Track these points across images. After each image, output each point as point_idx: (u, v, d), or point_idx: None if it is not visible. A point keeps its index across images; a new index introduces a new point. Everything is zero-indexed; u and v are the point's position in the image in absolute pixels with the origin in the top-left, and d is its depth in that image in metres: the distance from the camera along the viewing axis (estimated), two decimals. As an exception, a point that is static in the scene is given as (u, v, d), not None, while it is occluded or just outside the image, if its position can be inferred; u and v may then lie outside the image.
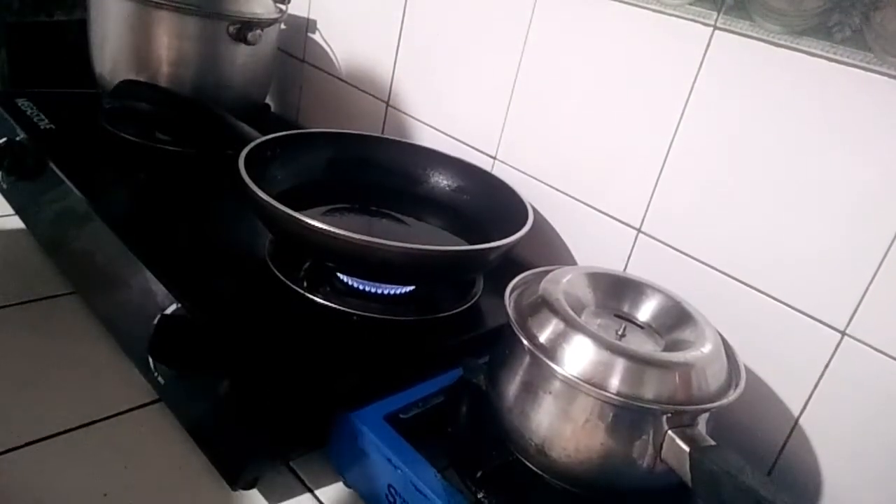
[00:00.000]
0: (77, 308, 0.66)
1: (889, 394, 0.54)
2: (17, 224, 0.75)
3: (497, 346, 0.54)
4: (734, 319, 0.59)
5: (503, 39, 0.76)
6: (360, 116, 0.95)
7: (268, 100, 0.97)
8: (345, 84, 0.97)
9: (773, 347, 0.59)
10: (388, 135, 0.90)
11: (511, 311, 0.51)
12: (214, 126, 0.76)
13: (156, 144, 0.81)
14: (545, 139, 0.75)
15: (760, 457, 0.61)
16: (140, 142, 0.81)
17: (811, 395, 0.58)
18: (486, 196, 0.76)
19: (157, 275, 0.58)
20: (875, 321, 0.54)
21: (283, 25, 0.94)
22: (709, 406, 0.47)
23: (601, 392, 0.45)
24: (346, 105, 0.97)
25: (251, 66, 0.86)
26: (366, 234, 0.55)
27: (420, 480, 0.47)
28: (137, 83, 0.79)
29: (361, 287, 0.63)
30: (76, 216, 0.67)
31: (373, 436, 0.50)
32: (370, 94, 0.93)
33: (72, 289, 0.68)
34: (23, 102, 0.83)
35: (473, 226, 0.74)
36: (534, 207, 0.69)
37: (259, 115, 0.91)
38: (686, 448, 0.44)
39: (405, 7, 0.86)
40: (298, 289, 0.61)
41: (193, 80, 0.81)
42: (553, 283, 0.53)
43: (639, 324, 0.54)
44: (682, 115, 0.63)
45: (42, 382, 0.57)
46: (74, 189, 0.68)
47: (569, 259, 0.75)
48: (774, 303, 0.59)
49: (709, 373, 0.48)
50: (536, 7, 0.73)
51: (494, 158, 0.80)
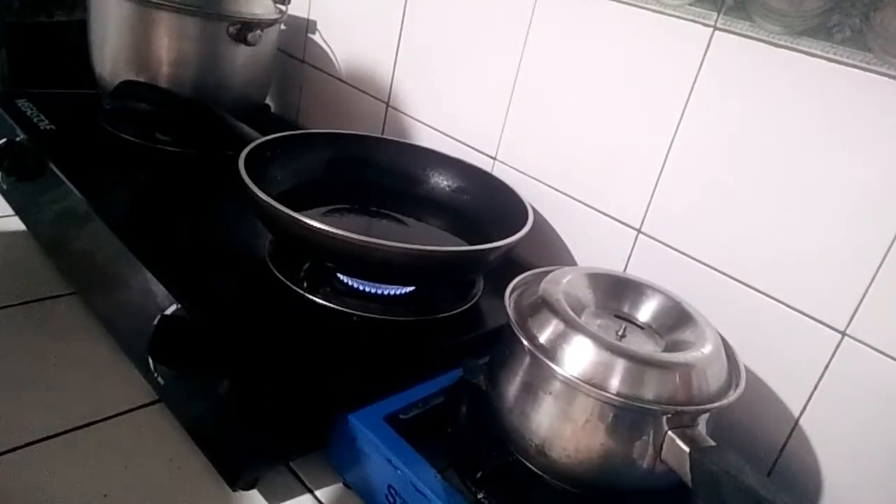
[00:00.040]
0: (77, 308, 0.66)
1: (889, 394, 0.54)
2: (18, 225, 0.75)
3: (497, 347, 0.54)
4: (734, 320, 0.59)
5: (503, 39, 0.76)
6: (360, 117, 0.95)
7: (268, 100, 0.97)
8: (345, 84, 0.97)
9: (774, 348, 0.59)
10: (388, 135, 0.90)
11: (511, 312, 0.51)
12: (214, 126, 0.76)
13: (156, 145, 0.81)
14: (545, 139, 0.75)
15: (760, 457, 0.61)
16: (140, 142, 0.81)
17: (811, 396, 0.58)
18: (486, 196, 0.76)
19: (157, 275, 0.58)
20: (875, 321, 0.54)
21: (283, 26, 0.94)
22: (709, 406, 0.47)
23: (601, 392, 0.45)
24: (346, 105, 0.97)
25: (251, 67, 0.86)
26: (366, 235, 0.55)
27: (420, 481, 0.47)
28: (137, 84, 0.79)
29: (361, 287, 0.63)
30: (76, 217, 0.67)
31: (373, 436, 0.50)
32: (370, 95, 0.93)
33: (72, 289, 0.68)
34: (23, 103, 0.83)
35: (473, 226, 0.74)
36: (534, 208, 0.69)
37: (259, 116, 0.91)
38: (686, 448, 0.44)
39: (405, 7, 0.86)
40: (298, 289, 0.61)
41: (193, 81, 0.81)
42: (553, 284, 0.53)
43: (639, 324, 0.54)
44: (682, 115, 0.63)
45: (42, 383, 0.57)
46: (74, 190, 0.68)
47: (569, 259, 0.75)
48: (774, 303, 0.59)
49: (709, 373, 0.48)
50: (536, 7, 0.73)
51: (494, 159, 0.80)
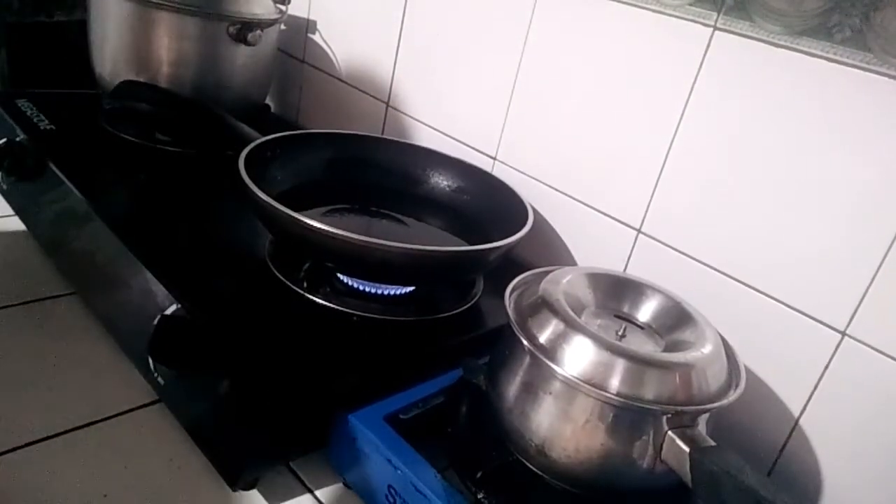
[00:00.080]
0: (77, 308, 0.66)
1: (889, 394, 0.54)
2: (18, 225, 0.75)
3: (497, 347, 0.54)
4: (734, 320, 0.59)
5: (503, 39, 0.76)
6: (360, 117, 0.95)
7: (268, 100, 0.97)
8: (345, 85, 0.97)
9: (774, 348, 0.59)
10: (388, 135, 0.90)
11: (511, 312, 0.51)
12: (214, 127, 0.76)
13: (156, 145, 0.81)
14: (545, 139, 0.75)
15: (760, 457, 0.61)
16: (140, 142, 0.81)
17: (811, 396, 0.58)
18: (486, 196, 0.76)
19: (157, 275, 0.58)
20: (875, 321, 0.54)
21: (283, 26, 0.94)
22: (709, 406, 0.47)
23: (601, 392, 0.45)
24: (346, 106, 0.97)
25: (251, 67, 0.86)
26: (366, 235, 0.55)
27: (420, 481, 0.47)
28: (137, 84, 0.79)
29: (361, 287, 0.63)
30: (76, 217, 0.67)
31: (373, 436, 0.50)
32: (370, 95, 0.93)
33: (72, 289, 0.68)
34: (23, 103, 0.83)
35: (473, 226, 0.74)
36: (534, 208, 0.69)
37: (259, 116, 0.91)
38: (686, 448, 0.44)
39: (405, 7, 0.86)
40: (298, 289, 0.61)
41: (193, 81, 0.81)
42: (553, 284, 0.53)
43: (639, 324, 0.54)
44: (682, 115, 0.63)
45: (42, 383, 0.57)
46: (74, 190, 0.68)
47: (569, 259, 0.75)
48: (774, 303, 0.59)
49: (709, 373, 0.48)
50: (536, 7, 0.73)
51: (494, 159, 0.80)
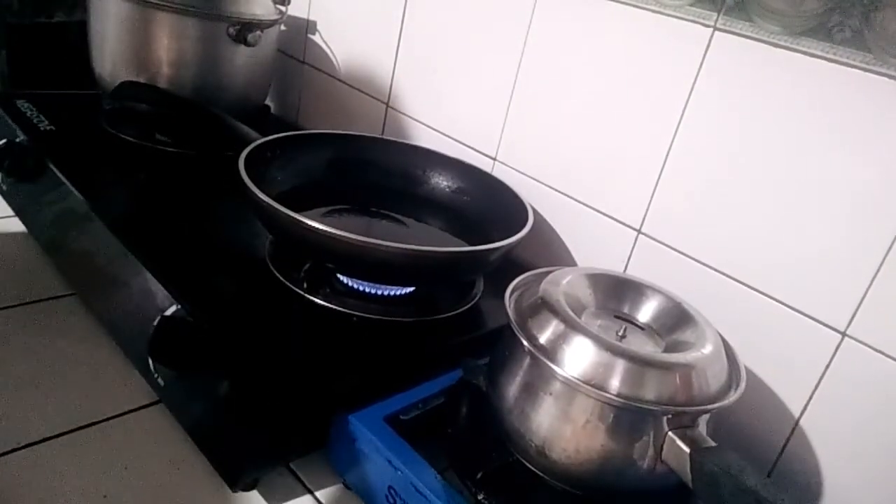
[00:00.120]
0: (77, 309, 0.66)
1: (889, 394, 0.54)
2: (17, 225, 0.75)
3: (497, 347, 0.54)
4: (734, 320, 0.59)
5: (503, 39, 0.76)
6: (360, 117, 0.95)
7: (268, 101, 0.97)
8: (345, 85, 0.97)
9: (774, 348, 0.59)
10: (388, 136, 0.90)
11: (511, 313, 0.51)
12: (214, 127, 0.76)
13: (156, 146, 0.82)
14: (545, 139, 0.75)
15: (761, 457, 0.61)
16: (140, 143, 0.81)
17: (811, 396, 0.58)
18: (486, 197, 0.76)
19: (157, 276, 0.58)
20: (875, 322, 0.54)
21: (283, 27, 0.94)
22: (709, 407, 0.47)
23: (601, 393, 0.45)
24: (346, 106, 0.97)
25: (251, 68, 0.86)
26: (365, 235, 0.55)
27: (420, 481, 0.47)
28: (137, 84, 0.79)
29: (361, 288, 0.63)
30: (76, 217, 0.67)
31: (373, 437, 0.50)
32: (370, 96, 0.93)
33: (72, 290, 0.68)
34: (23, 104, 0.83)
35: (473, 227, 0.74)
36: (534, 208, 0.69)
37: (259, 117, 0.91)
38: (686, 449, 0.44)
39: (405, 7, 0.86)
40: (298, 290, 0.61)
41: (193, 82, 0.81)
42: (553, 285, 0.53)
43: (639, 325, 0.54)
44: (682, 115, 0.63)
45: (42, 384, 0.57)
46: (74, 190, 0.68)
47: (569, 260, 0.75)
48: (774, 303, 0.59)
49: (709, 374, 0.48)
50: (536, 7, 0.73)
51: (494, 159, 0.80)
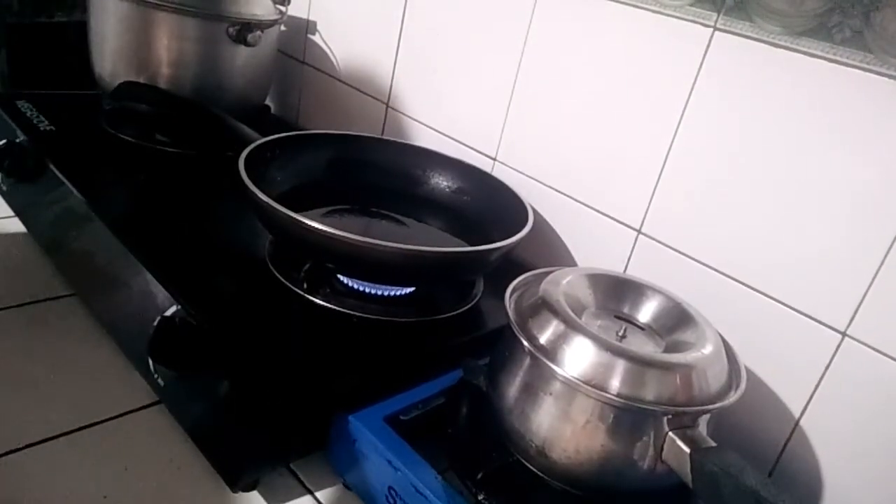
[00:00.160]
0: (77, 310, 0.66)
1: (889, 394, 0.54)
2: (18, 226, 0.75)
3: (497, 348, 0.54)
4: (734, 320, 0.59)
5: (503, 39, 0.76)
6: (360, 118, 0.95)
7: (268, 101, 0.97)
8: (345, 85, 0.97)
9: (774, 348, 0.59)
10: (388, 136, 0.90)
11: (511, 313, 0.51)
12: (214, 127, 0.76)
13: (156, 146, 0.82)
14: (545, 140, 0.75)
15: (761, 457, 0.61)
16: (140, 143, 0.81)
17: (812, 396, 0.58)
18: (487, 197, 0.76)
19: (157, 276, 0.58)
20: (875, 322, 0.54)
21: (283, 27, 0.94)
22: (709, 407, 0.47)
23: (602, 393, 0.45)
24: (346, 106, 0.97)
25: (251, 68, 0.86)
26: (365, 236, 0.55)
27: (420, 482, 0.47)
28: (137, 84, 0.79)
29: (361, 288, 0.63)
30: (76, 218, 0.67)
31: (373, 437, 0.50)
32: (370, 96, 0.93)
33: (72, 290, 0.68)
34: (22, 104, 0.83)
35: (474, 227, 0.74)
36: (534, 208, 0.69)
37: (259, 117, 0.91)
38: (687, 449, 0.44)
39: (405, 7, 0.86)
40: (298, 290, 0.61)
41: (193, 82, 0.81)
42: (553, 285, 0.53)
43: (639, 325, 0.54)
44: (682, 116, 0.63)
45: (42, 384, 0.57)
46: (74, 190, 0.68)
47: (569, 260, 0.75)
48: (775, 303, 0.59)
49: (709, 374, 0.48)
50: (536, 7, 0.73)
51: (494, 160, 0.80)
